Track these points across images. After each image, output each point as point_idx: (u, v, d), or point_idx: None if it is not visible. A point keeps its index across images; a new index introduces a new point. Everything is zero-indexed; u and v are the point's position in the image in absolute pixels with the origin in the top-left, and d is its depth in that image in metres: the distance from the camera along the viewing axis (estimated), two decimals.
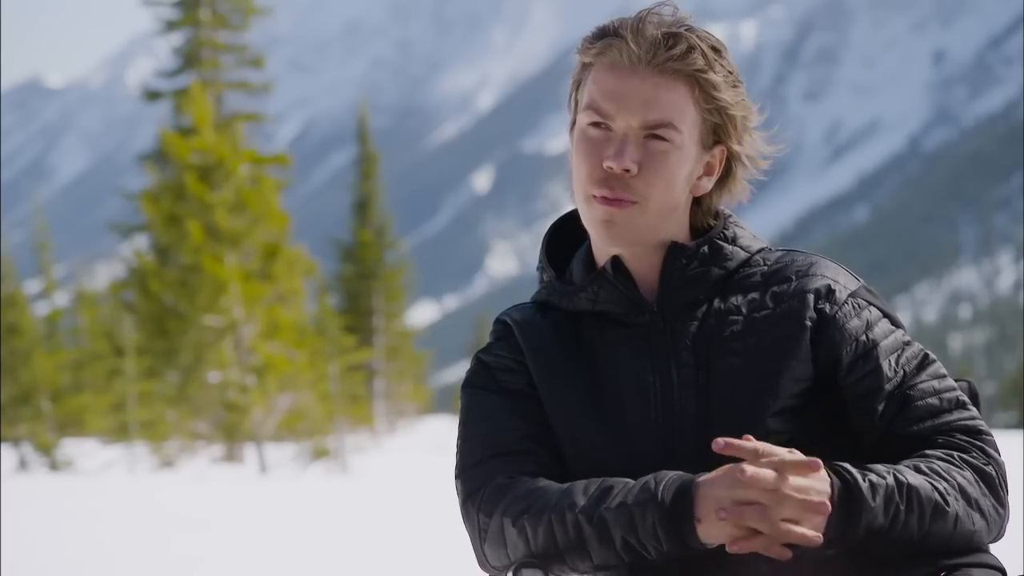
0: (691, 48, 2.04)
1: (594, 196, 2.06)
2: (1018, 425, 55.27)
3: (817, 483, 1.90)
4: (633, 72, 2.04)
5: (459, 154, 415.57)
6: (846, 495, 1.91)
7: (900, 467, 1.98)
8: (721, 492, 1.88)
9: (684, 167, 2.07)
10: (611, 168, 2.04)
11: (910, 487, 1.95)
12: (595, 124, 2.06)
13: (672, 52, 2.03)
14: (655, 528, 1.92)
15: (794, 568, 1.99)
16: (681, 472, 1.95)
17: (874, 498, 1.92)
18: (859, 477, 1.93)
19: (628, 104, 2.04)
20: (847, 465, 1.94)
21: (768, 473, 1.87)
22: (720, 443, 1.89)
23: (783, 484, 1.87)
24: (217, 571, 7.86)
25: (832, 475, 1.91)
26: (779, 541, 1.87)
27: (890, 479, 1.94)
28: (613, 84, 2.05)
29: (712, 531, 1.90)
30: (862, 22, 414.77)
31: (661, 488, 1.93)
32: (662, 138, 2.05)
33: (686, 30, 2.05)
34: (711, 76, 2.05)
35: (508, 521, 2.03)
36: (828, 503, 1.88)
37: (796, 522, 1.87)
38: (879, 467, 1.96)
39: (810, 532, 1.87)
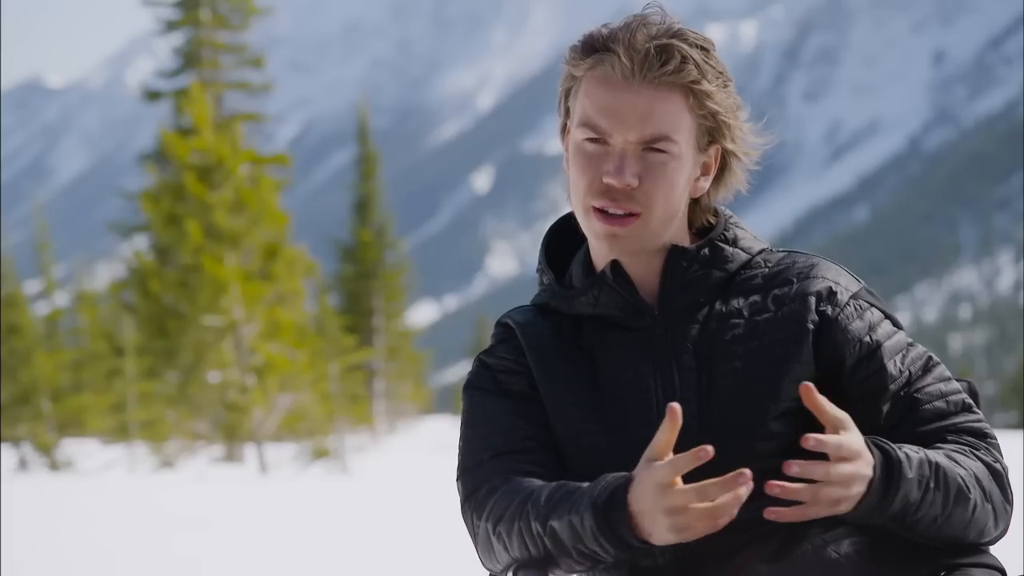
0: (684, 59, 2.02)
1: (595, 208, 2.06)
2: (1018, 425, 55.26)
3: (862, 464, 1.90)
4: (627, 87, 2.03)
5: (459, 154, 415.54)
6: (887, 467, 1.93)
7: (928, 449, 2.00)
8: (650, 494, 1.85)
9: (683, 174, 2.07)
10: (611, 184, 2.04)
11: (938, 465, 1.98)
12: (591, 139, 2.06)
13: (666, 67, 2.02)
14: (595, 535, 1.91)
15: (793, 568, 1.99)
16: (621, 473, 1.92)
17: (910, 469, 1.94)
18: (895, 448, 1.95)
19: (624, 120, 2.03)
20: (881, 439, 1.96)
21: (816, 465, 1.86)
22: (794, 469, 1.86)
23: (832, 470, 1.87)
24: (217, 571, 7.86)
25: (872, 448, 1.93)
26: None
27: (921, 454, 1.97)
28: (607, 100, 2.04)
29: (652, 530, 1.87)
30: (862, 22, 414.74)
31: (596, 491, 1.92)
32: (660, 150, 2.04)
33: (676, 38, 2.03)
34: (704, 85, 2.05)
35: (490, 528, 2.03)
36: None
37: (839, 500, 1.88)
38: (908, 445, 1.98)
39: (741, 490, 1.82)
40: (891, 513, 1.94)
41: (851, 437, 1.89)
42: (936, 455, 1.99)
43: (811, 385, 1.88)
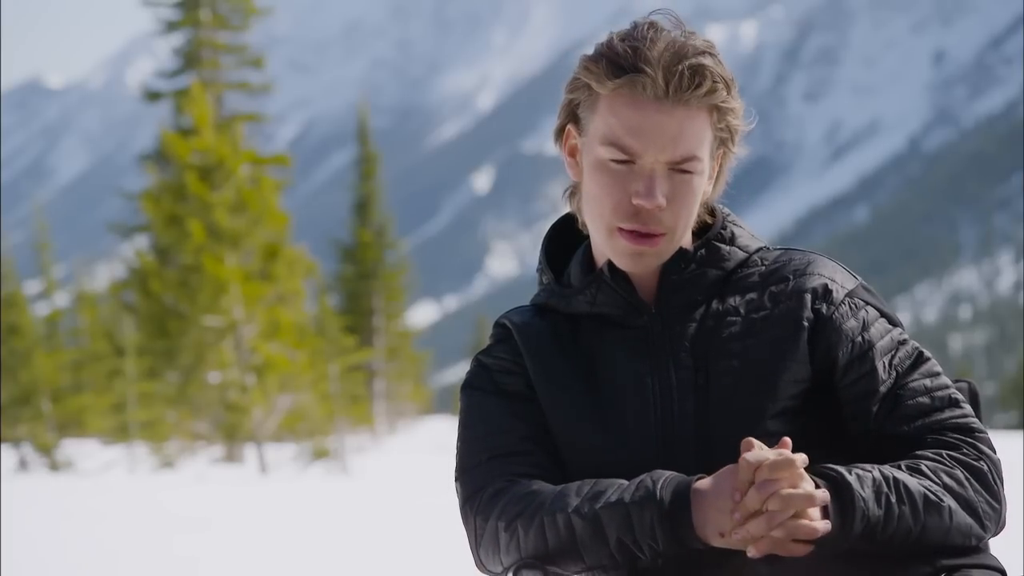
0: (715, 80, 2.01)
1: (621, 229, 2.05)
2: (1018, 425, 55.28)
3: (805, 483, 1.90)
4: (658, 108, 2.01)
5: (459, 154, 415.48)
6: (835, 491, 1.91)
7: (885, 466, 1.98)
8: (725, 504, 1.89)
9: (703, 186, 2.08)
10: (642, 206, 2.02)
11: (897, 479, 1.95)
12: (618, 160, 2.04)
13: (699, 90, 2.00)
14: (652, 527, 1.92)
15: (793, 569, 1.99)
16: (676, 473, 1.96)
17: (863, 488, 1.92)
18: (844, 471, 1.93)
19: (655, 141, 2.01)
20: (830, 464, 1.94)
21: (763, 487, 1.86)
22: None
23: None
24: (217, 571, 7.86)
25: (816, 477, 1.91)
26: (791, 537, 1.87)
27: (876, 472, 1.95)
28: (637, 121, 2.01)
29: (712, 535, 1.91)
30: (862, 22, 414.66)
31: (659, 487, 1.93)
32: (687, 170, 2.03)
33: (702, 56, 2.01)
34: (730, 102, 2.05)
35: (502, 526, 2.03)
36: (819, 493, 1.88)
37: (799, 518, 1.87)
38: (863, 464, 1.97)
39: (819, 523, 1.87)
40: (855, 534, 1.91)
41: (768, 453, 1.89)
42: (894, 471, 1.96)
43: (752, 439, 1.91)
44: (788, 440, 1.90)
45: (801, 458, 1.88)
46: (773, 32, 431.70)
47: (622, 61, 2.02)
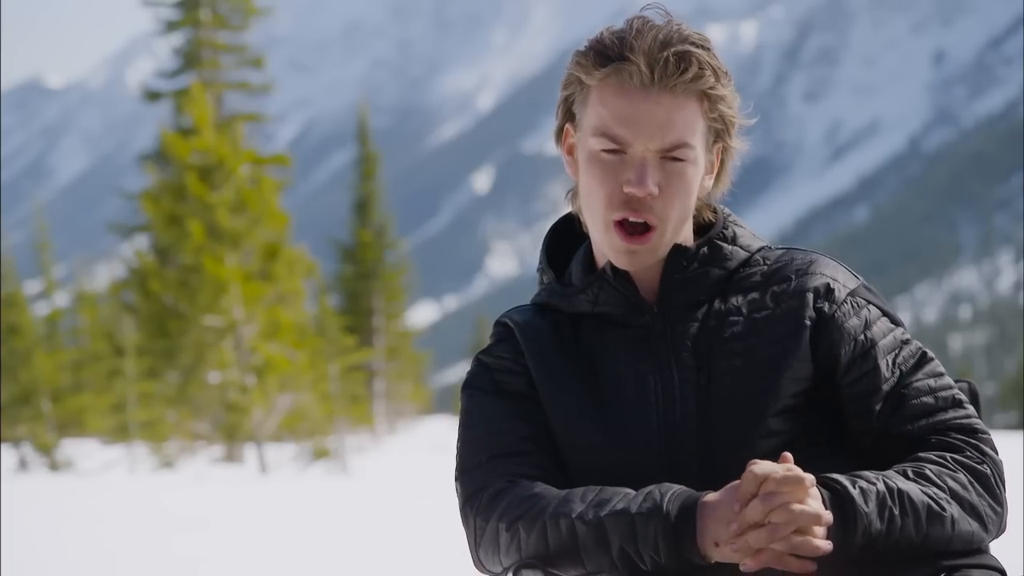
0: (701, 66, 2.02)
1: (616, 222, 2.05)
2: (1018, 425, 55.28)
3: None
4: (646, 96, 2.02)
5: (459, 154, 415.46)
6: (838, 504, 1.90)
7: (890, 473, 1.97)
8: (726, 515, 1.88)
9: (698, 177, 2.08)
10: (634, 194, 2.02)
11: (901, 491, 1.94)
12: (609, 150, 2.04)
13: (685, 75, 2.01)
14: (656, 540, 1.92)
15: None
16: (684, 487, 1.96)
17: (867, 503, 1.91)
18: (848, 485, 1.92)
19: (644, 129, 2.02)
20: (835, 475, 1.93)
21: (767, 498, 1.86)
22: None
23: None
24: (217, 571, 7.86)
25: (820, 488, 1.91)
26: (792, 552, 1.86)
27: (880, 485, 1.94)
28: (626, 109, 2.02)
29: (715, 552, 1.90)
30: (862, 22, 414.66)
31: (666, 500, 1.93)
32: (678, 158, 2.04)
33: (691, 45, 2.02)
34: (719, 90, 2.05)
35: (503, 526, 2.03)
36: (826, 513, 1.87)
37: (802, 535, 1.86)
38: (867, 474, 1.95)
39: (823, 542, 1.87)
40: (855, 547, 1.91)
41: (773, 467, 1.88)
42: (899, 480, 1.95)
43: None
44: (789, 455, 1.90)
45: (809, 478, 1.88)
46: (773, 32, 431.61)
47: (608, 51, 2.03)
